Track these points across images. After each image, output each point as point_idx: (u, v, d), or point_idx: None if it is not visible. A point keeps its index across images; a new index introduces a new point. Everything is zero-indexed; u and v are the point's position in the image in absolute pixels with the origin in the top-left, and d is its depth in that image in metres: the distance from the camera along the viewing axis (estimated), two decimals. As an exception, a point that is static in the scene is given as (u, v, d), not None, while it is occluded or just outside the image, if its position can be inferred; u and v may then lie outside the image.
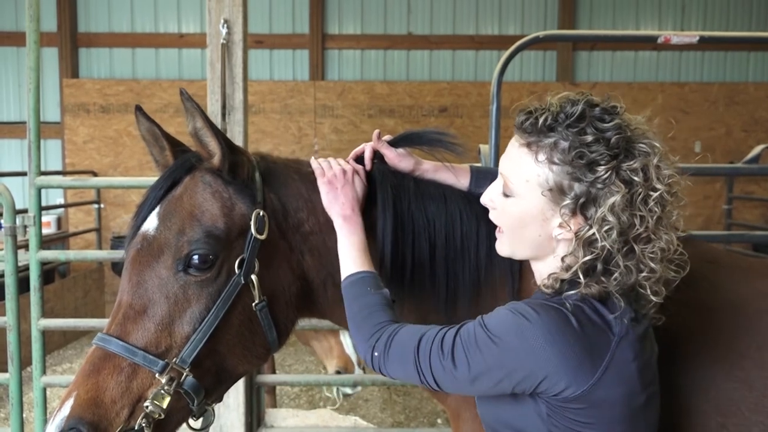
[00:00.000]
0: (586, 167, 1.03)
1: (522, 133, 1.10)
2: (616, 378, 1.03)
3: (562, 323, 1.02)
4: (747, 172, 4.13)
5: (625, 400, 1.05)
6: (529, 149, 1.08)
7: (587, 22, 8.02)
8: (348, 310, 1.24)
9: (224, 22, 2.50)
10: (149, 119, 1.37)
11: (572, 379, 1.00)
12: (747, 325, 1.30)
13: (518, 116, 1.10)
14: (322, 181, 1.38)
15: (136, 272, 1.26)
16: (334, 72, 8.07)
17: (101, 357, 1.21)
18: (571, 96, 1.09)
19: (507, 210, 1.14)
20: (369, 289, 1.22)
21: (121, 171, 7.60)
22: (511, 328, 1.03)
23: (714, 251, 1.52)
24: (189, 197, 1.30)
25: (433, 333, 1.11)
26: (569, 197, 1.05)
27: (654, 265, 1.04)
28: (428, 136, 1.48)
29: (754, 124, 7.72)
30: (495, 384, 1.05)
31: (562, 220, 1.06)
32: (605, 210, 1.01)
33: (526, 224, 1.11)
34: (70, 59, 7.84)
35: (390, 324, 1.18)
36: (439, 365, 1.08)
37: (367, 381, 2.93)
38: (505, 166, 1.14)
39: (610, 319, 1.05)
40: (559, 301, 1.06)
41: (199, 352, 1.22)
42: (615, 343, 1.04)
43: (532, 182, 1.08)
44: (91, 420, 1.14)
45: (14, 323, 2.63)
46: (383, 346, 1.15)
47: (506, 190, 1.13)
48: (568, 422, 1.05)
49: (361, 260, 1.28)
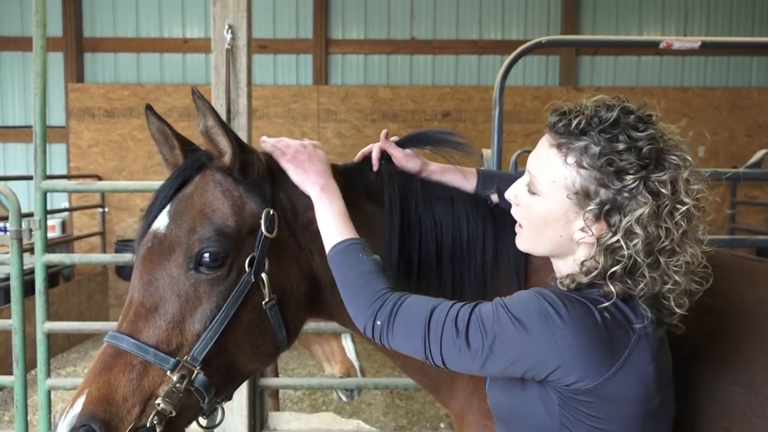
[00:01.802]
0: (614, 175, 1.02)
1: (554, 133, 1.09)
2: (632, 376, 1.03)
3: (585, 314, 1.02)
4: (750, 176, 4.12)
5: (638, 400, 1.04)
6: (559, 150, 1.08)
7: (590, 27, 8.03)
8: (340, 279, 1.21)
9: (229, 27, 2.51)
10: (160, 118, 1.37)
11: (587, 371, 1.00)
12: (752, 329, 1.30)
13: (551, 116, 1.10)
14: (285, 159, 1.36)
15: (147, 270, 1.26)
16: (338, 77, 8.09)
17: (113, 354, 1.21)
18: (607, 100, 1.08)
19: (531, 207, 1.13)
20: (361, 256, 1.20)
21: (125, 175, 7.62)
22: (536, 312, 1.02)
23: (718, 256, 1.52)
24: (200, 196, 1.31)
25: (445, 308, 1.09)
26: (594, 202, 1.05)
27: (678, 278, 1.04)
28: (436, 136, 1.49)
29: (758, 129, 7.70)
30: (507, 367, 1.04)
31: (584, 224, 1.06)
32: (632, 220, 1.01)
33: (548, 224, 1.11)
34: (75, 64, 7.88)
35: (391, 291, 1.15)
36: (451, 342, 1.05)
37: (370, 385, 2.93)
38: (533, 164, 1.13)
39: (630, 317, 1.05)
40: (582, 294, 1.06)
41: (209, 350, 1.22)
42: (634, 341, 1.04)
43: (559, 183, 1.07)
44: (103, 417, 1.15)
45: (19, 326, 2.64)
46: (387, 314, 1.11)
47: (532, 188, 1.13)
48: (579, 415, 1.04)
49: (347, 227, 1.25)
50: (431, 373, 1.48)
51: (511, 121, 7.29)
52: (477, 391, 1.41)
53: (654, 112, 1.08)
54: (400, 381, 2.87)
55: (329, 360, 3.39)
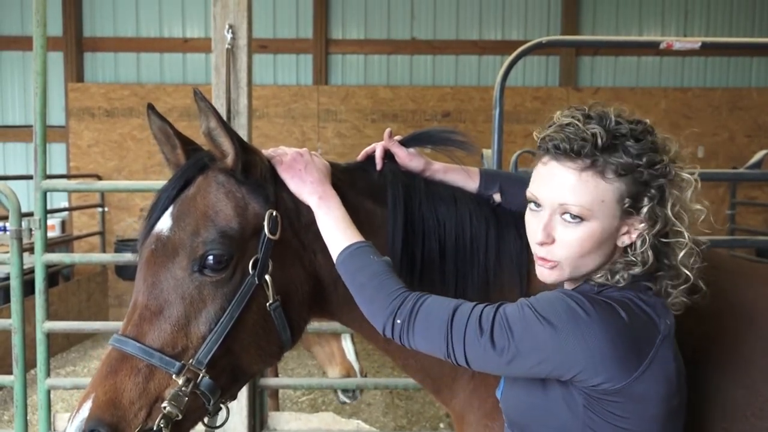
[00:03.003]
0: (650, 169, 1.06)
1: (576, 158, 1.06)
2: (658, 375, 1.04)
3: (612, 314, 1.03)
4: (750, 177, 4.13)
5: (662, 399, 1.05)
6: (594, 170, 1.06)
7: (590, 27, 8.02)
8: (352, 281, 1.20)
9: (229, 27, 2.51)
10: (161, 117, 1.37)
11: (615, 371, 1.01)
12: (752, 330, 1.30)
13: (562, 144, 1.06)
14: (281, 168, 1.35)
15: (151, 273, 1.26)
16: (338, 77, 8.08)
17: (118, 358, 1.21)
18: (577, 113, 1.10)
19: (576, 236, 1.07)
20: (372, 257, 1.19)
21: (125, 175, 7.62)
22: (565, 313, 1.03)
23: (718, 256, 1.52)
24: (202, 197, 1.30)
25: (468, 307, 1.09)
26: (646, 198, 1.07)
27: (692, 259, 1.10)
28: (439, 135, 1.50)
29: (758, 130, 7.70)
30: (533, 366, 1.03)
31: (629, 228, 1.09)
32: (667, 209, 1.06)
33: (601, 243, 1.07)
34: (75, 63, 7.88)
35: (408, 291, 1.14)
36: (475, 341, 1.05)
37: (370, 385, 2.93)
38: (564, 194, 1.07)
39: (654, 318, 1.06)
40: (607, 295, 1.07)
41: (214, 353, 1.23)
42: (660, 339, 1.05)
43: (609, 200, 1.06)
44: (110, 421, 1.15)
45: (19, 326, 2.64)
46: (408, 313, 1.11)
47: (572, 217, 1.07)
48: (606, 415, 1.05)
49: (351, 232, 1.25)
50: (432, 373, 1.48)
51: (512, 122, 7.29)
52: (477, 392, 1.41)
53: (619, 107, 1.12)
54: (400, 381, 2.87)
55: (330, 362, 3.38)
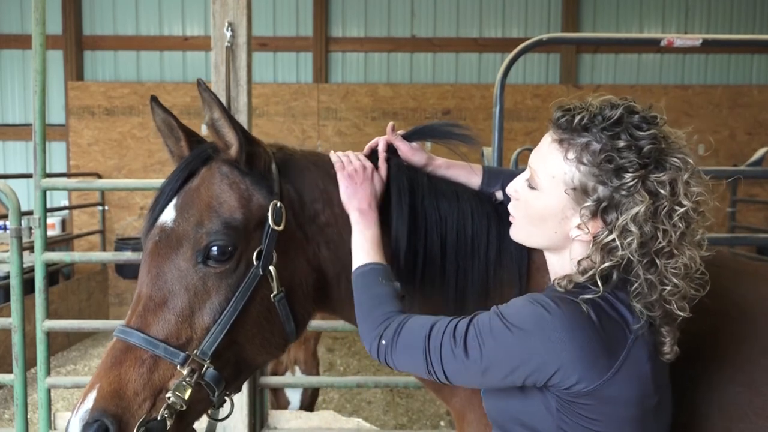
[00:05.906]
0: (613, 172, 1.02)
1: (556, 129, 1.10)
2: (630, 376, 1.03)
3: (581, 316, 1.02)
4: (751, 174, 4.11)
5: (636, 400, 1.04)
6: (560, 146, 1.08)
7: (591, 24, 8.02)
8: (356, 298, 1.24)
9: (228, 25, 2.50)
10: (165, 110, 1.37)
11: (586, 373, 1.00)
12: (753, 329, 1.30)
13: (555, 112, 1.11)
14: (342, 174, 1.38)
15: (155, 264, 1.26)
16: (338, 75, 8.08)
17: (122, 349, 1.21)
18: (613, 100, 1.09)
19: (530, 202, 1.14)
20: (380, 280, 1.23)
21: (125, 173, 7.62)
22: (530, 317, 1.03)
23: (719, 256, 1.52)
24: (206, 189, 1.30)
25: (444, 322, 1.11)
26: (591, 199, 1.05)
27: (677, 281, 1.04)
28: (441, 129, 1.50)
29: (758, 127, 7.70)
30: (507, 375, 1.04)
31: (581, 221, 1.06)
32: (627, 219, 1.01)
33: (545, 219, 1.12)
34: (74, 62, 7.87)
35: (399, 314, 1.17)
36: (450, 354, 1.06)
37: (370, 383, 2.93)
38: (535, 159, 1.14)
39: (627, 318, 1.05)
40: (577, 296, 1.06)
41: (219, 344, 1.23)
42: (631, 340, 1.04)
43: (558, 179, 1.08)
44: (115, 412, 1.15)
45: (19, 324, 2.64)
46: (391, 334, 1.14)
47: (532, 183, 1.14)
48: (577, 418, 1.04)
49: (375, 252, 1.28)
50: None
51: (512, 119, 7.28)
52: (478, 391, 1.40)
53: (660, 114, 1.08)
54: (400, 379, 2.87)
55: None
